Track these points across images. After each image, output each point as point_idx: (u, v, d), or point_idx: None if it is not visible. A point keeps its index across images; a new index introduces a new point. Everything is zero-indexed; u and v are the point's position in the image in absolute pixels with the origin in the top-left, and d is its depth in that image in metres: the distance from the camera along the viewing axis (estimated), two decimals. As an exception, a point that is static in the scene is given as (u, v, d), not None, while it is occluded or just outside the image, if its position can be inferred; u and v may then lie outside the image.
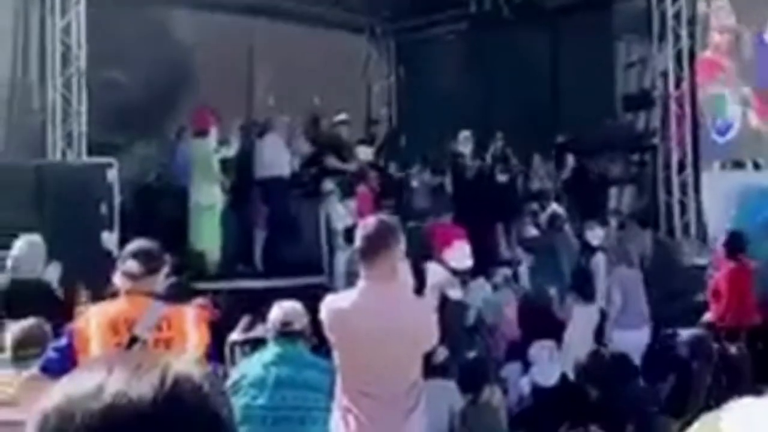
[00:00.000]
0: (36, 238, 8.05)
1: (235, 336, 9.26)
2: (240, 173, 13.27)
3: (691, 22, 13.99)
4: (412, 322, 5.03)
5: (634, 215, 13.83)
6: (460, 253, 10.17)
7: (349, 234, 11.97)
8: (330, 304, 5.10)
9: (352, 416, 4.94)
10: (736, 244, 10.31)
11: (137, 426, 1.20)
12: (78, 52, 11.32)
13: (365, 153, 14.58)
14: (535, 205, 13.50)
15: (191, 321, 4.87)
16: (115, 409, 1.20)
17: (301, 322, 6.03)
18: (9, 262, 7.79)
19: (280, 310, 6.08)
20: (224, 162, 12.86)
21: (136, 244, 5.02)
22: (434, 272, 10.28)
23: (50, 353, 4.77)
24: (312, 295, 6.66)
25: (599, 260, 11.42)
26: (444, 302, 9.10)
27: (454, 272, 10.72)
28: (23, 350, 6.26)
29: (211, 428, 1.24)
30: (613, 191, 14.76)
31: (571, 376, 8.58)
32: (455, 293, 10.38)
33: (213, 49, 15.25)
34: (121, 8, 14.34)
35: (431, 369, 5.51)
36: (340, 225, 12.58)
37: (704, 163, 13.97)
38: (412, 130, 15.35)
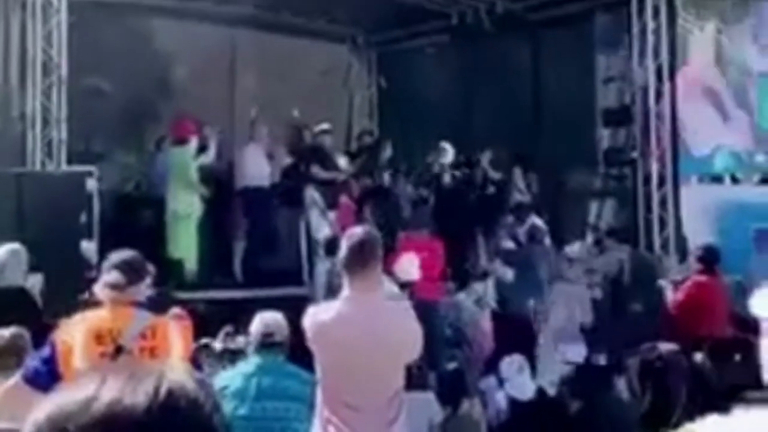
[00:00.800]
0: (18, 246, 8.02)
1: (215, 346, 9.22)
2: (220, 183, 13.26)
3: (672, 37, 14.06)
4: (396, 333, 5.05)
5: (612, 230, 13.86)
6: (408, 265, 10.06)
7: (329, 245, 11.96)
8: (314, 315, 5.11)
9: (333, 427, 4.95)
10: (709, 256, 10.29)
11: None
12: (59, 60, 11.27)
13: (346, 164, 14.58)
14: (510, 218, 13.52)
15: (175, 330, 4.88)
16: (109, 418, 1.19)
17: (282, 333, 6.04)
18: None
19: (261, 322, 6.08)
20: (203, 171, 12.83)
21: (119, 254, 5.01)
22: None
23: (33, 363, 4.76)
24: (292, 305, 6.65)
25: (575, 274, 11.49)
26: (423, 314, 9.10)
27: (402, 284, 10.70)
28: (2, 360, 6.24)
29: None
30: (592, 206, 14.80)
31: (549, 389, 8.61)
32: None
33: (195, 58, 15.23)
34: (103, 16, 14.32)
35: (410, 381, 5.50)
36: (320, 236, 12.56)
37: (682, 178, 14.04)
38: (393, 141, 15.35)
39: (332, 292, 10.17)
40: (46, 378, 4.61)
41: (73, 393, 1.23)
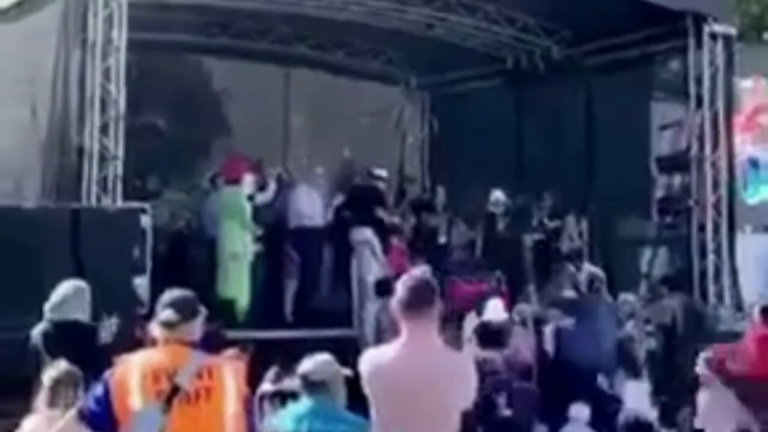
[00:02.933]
0: (81, 283, 8.05)
1: (265, 387, 9.19)
2: (273, 222, 13.27)
3: (729, 83, 13.95)
4: (454, 377, 4.99)
5: (665, 279, 13.68)
6: (494, 308, 10.19)
7: (380, 286, 11.93)
8: (371, 359, 5.05)
9: (388, 472, 4.88)
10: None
11: None
12: (117, 96, 11.36)
13: (397, 206, 14.58)
14: (571, 266, 13.40)
15: (230, 371, 4.84)
16: None
17: (323, 372, 5.97)
18: (50, 304, 7.79)
19: (312, 364, 6.02)
20: (257, 210, 12.87)
21: (172, 293, 5.00)
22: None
23: (88, 402, 4.73)
24: (342, 347, 6.61)
25: (630, 328, 11.37)
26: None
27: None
28: (56, 392, 6.28)
29: None
30: (645, 254, 14.65)
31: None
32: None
33: (249, 97, 15.37)
34: (160, 54, 14.51)
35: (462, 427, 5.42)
36: (371, 277, 12.53)
37: (737, 227, 13.90)
38: (444, 185, 15.32)
39: (382, 334, 10.16)
40: (100, 418, 4.60)
41: None
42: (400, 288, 5.06)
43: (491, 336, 10.49)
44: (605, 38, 14.83)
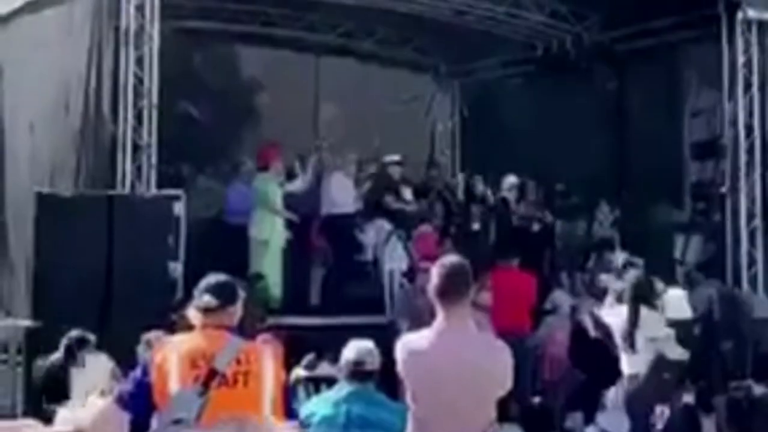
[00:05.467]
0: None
1: (299, 372, 9.24)
2: (304, 209, 13.29)
3: (763, 70, 13.82)
4: (491, 364, 4.99)
5: (699, 266, 13.61)
6: None
7: (408, 273, 11.96)
8: (407, 344, 5.06)
9: (425, 457, 4.89)
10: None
11: None
12: (150, 85, 11.41)
13: (426, 193, 14.59)
14: (609, 254, 13.35)
15: (268, 356, 4.85)
16: None
17: (374, 362, 6.00)
18: None
19: (354, 349, 6.04)
20: (289, 197, 12.90)
21: (212, 278, 5.01)
22: None
23: (126, 386, 4.76)
24: (372, 333, 6.63)
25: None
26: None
27: None
28: None
29: None
30: (678, 241, 14.57)
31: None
32: None
33: (280, 85, 15.39)
34: (192, 43, 14.56)
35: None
36: (401, 264, 12.56)
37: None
38: (475, 172, 15.28)
39: (412, 320, 10.17)
40: (139, 401, 4.62)
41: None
42: (435, 275, 5.06)
43: None
44: (636, 24, 14.71)
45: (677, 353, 9.22)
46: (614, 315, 9.39)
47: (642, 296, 9.23)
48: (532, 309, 11.80)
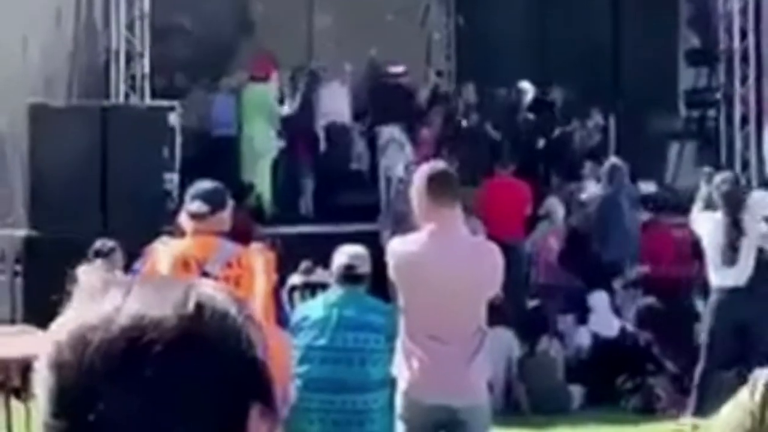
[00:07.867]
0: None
1: (294, 280, 9.33)
2: (299, 119, 13.28)
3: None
4: (481, 267, 5.06)
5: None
6: None
7: (405, 180, 11.95)
8: (398, 247, 5.11)
9: (416, 358, 4.97)
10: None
11: (157, 349, 1.09)
12: (142, -6, 11.35)
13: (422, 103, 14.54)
14: (591, 161, 13.35)
15: (260, 261, 4.92)
16: (133, 330, 1.09)
17: (365, 266, 6.07)
18: None
19: (344, 255, 6.11)
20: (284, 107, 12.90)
21: (200, 184, 5.05)
22: None
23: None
24: (366, 240, 6.70)
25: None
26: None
27: None
28: None
29: (237, 352, 1.12)
30: (673, 147, 14.59)
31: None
32: None
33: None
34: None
35: (491, 317, 5.51)
36: (397, 172, 12.59)
37: (766, 119, 13.77)
38: (471, 80, 15.22)
39: (396, 225, 10.19)
40: None
41: (96, 306, 1.12)
42: (422, 176, 5.09)
43: None
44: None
45: None
46: (705, 220, 8.52)
47: (737, 203, 8.40)
48: (527, 217, 11.87)
